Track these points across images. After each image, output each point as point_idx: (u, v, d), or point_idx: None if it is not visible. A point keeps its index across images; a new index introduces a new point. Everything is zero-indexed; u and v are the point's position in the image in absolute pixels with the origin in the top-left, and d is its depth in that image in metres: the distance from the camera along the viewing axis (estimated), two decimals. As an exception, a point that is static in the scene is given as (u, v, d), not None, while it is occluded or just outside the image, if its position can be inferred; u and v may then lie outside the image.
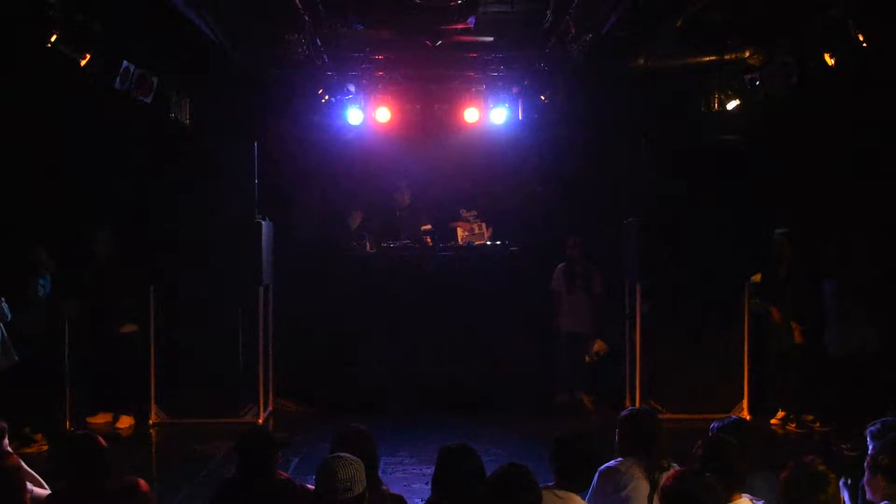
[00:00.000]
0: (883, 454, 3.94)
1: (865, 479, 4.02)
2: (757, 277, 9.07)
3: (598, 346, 10.27)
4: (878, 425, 4.68)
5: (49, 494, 4.40)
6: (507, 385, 9.76)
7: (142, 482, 4.10)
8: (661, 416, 6.12)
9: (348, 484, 3.53)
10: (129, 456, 7.52)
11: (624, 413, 4.75)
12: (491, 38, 8.90)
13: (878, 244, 8.37)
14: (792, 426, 8.75)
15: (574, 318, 10.01)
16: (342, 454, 3.69)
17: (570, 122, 10.83)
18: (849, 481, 4.41)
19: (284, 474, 4.65)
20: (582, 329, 10.05)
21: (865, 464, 4.04)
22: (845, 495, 4.36)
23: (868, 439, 4.64)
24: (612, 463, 4.48)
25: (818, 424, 8.62)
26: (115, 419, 8.97)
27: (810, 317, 8.64)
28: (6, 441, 4.99)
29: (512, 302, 10.02)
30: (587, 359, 10.09)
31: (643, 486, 4.34)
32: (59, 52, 7.07)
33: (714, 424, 4.69)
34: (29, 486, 4.41)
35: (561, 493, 4.14)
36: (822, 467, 3.71)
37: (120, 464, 4.45)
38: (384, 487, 4.42)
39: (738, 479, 4.04)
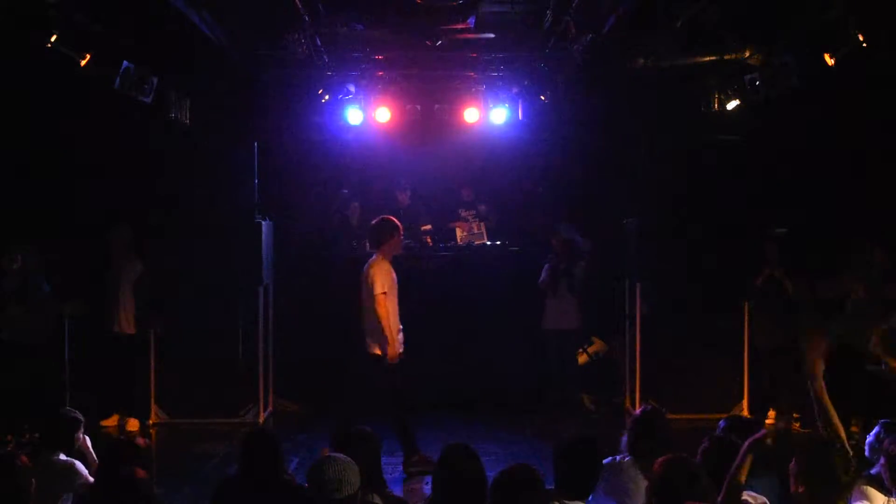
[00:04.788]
0: None
1: None
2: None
3: (597, 345, 10.26)
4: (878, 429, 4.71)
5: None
6: (507, 385, 9.75)
7: (139, 471, 4.10)
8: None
9: (334, 485, 3.52)
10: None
11: (637, 413, 4.76)
12: (491, 38, 8.90)
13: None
14: (796, 426, 8.74)
15: (559, 316, 9.84)
16: (335, 455, 3.69)
17: (570, 122, 10.83)
18: None
19: (286, 475, 4.65)
20: (568, 326, 9.87)
21: None
22: None
23: (873, 436, 4.67)
24: (617, 458, 4.50)
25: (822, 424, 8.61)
26: (123, 422, 8.91)
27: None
28: (81, 433, 5.16)
29: (511, 302, 10.00)
30: (582, 357, 10.06)
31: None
32: (59, 52, 7.07)
33: (721, 423, 4.69)
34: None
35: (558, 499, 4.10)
36: (839, 456, 3.71)
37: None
38: (387, 490, 4.41)
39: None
